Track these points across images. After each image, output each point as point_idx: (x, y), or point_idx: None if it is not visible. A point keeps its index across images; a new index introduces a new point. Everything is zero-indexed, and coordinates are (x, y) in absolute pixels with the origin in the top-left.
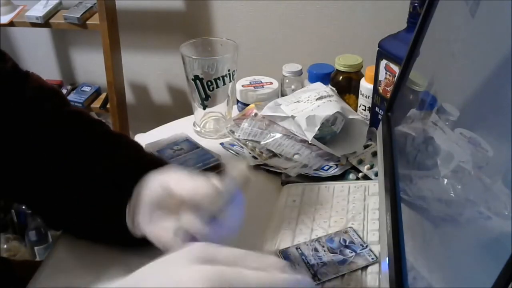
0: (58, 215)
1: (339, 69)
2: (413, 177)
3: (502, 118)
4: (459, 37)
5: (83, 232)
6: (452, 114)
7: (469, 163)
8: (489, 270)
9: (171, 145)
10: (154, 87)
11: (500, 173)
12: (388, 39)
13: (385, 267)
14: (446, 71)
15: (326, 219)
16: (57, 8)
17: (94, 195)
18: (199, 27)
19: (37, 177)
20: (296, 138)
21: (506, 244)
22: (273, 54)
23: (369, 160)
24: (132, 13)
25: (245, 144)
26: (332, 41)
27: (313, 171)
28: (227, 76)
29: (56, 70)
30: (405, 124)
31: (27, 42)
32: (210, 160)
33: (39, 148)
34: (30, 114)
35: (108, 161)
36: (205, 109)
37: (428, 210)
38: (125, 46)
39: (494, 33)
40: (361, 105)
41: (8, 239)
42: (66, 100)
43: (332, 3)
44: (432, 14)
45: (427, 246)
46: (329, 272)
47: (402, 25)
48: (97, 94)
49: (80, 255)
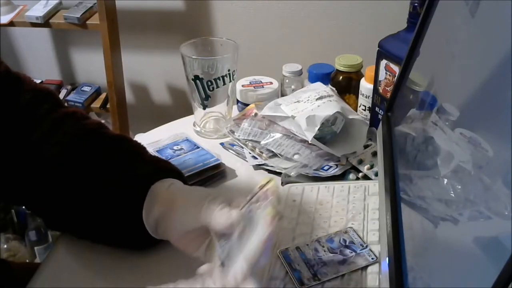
0: (60, 217)
1: (339, 69)
2: (413, 177)
3: (502, 118)
4: (459, 37)
5: (87, 233)
6: (452, 114)
7: (469, 163)
8: (489, 270)
9: (171, 145)
10: (154, 87)
11: (500, 173)
12: (388, 39)
13: (385, 267)
14: (446, 71)
15: (326, 219)
16: (57, 8)
17: (98, 196)
18: (199, 27)
19: (37, 179)
20: (296, 138)
21: (506, 244)
22: (273, 54)
23: (369, 160)
24: (132, 13)
25: (245, 144)
26: (332, 41)
27: (313, 171)
28: (227, 76)
29: (56, 70)
30: (405, 124)
31: (27, 42)
32: (210, 160)
33: (39, 151)
34: (28, 117)
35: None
36: (205, 109)
37: (428, 210)
38: (125, 46)
39: (494, 33)
40: (361, 105)
41: (8, 239)
42: (61, 101)
43: (332, 3)
44: (432, 14)
45: (427, 246)
46: (329, 272)
47: (402, 25)
48: (97, 94)
49: (80, 255)
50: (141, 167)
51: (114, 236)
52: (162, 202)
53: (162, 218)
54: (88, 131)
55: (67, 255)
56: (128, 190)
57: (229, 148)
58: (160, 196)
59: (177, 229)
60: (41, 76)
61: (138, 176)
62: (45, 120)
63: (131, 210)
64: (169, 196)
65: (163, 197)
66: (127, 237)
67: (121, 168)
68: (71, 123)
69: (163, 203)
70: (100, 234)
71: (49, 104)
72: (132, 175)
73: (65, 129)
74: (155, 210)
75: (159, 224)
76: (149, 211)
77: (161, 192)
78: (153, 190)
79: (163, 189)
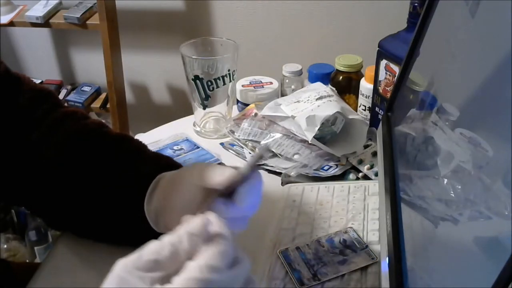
0: (61, 216)
1: (339, 69)
2: (413, 177)
3: (502, 118)
4: (459, 37)
5: (88, 232)
6: (452, 114)
7: (469, 163)
8: (489, 270)
9: (171, 145)
10: (154, 87)
11: (500, 173)
12: (388, 39)
13: (385, 267)
14: (446, 71)
15: (326, 219)
16: (57, 8)
17: (100, 195)
18: (199, 27)
19: (38, 179)
20: (296, 138)
21: (506, 244)
22: (273, 54)
23: (369, 160)
24: (132, 13)
25: (245, 144)
26: (332, 41)
27: (313, 171)
28: (227, 76)
29: (56, 70)
30: (405, 124)
31: (27, 42)
32: (210, 160)
33: (39, 151)
34: (27, 117)
35: (111, 161)
36: (205, 109)
37: (428, 210)
38: (125, 46)
39: (494, 33)
40: (361, 105)
41: (8, 239)
42: (60, 101)
43: (332, 3)
44: (432, 14)
45: (427, 246)
46: (329, 272)
47: (402, 25)
48: (97, 94)
49: (80, 255)
50: (143, 165)
51: (116, 234)
52: (161, 189)
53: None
54: (88, 131)
55: (67, 255)
56: (130, 188)
57: (229, 148)
58: (160, 186)
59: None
60: (41, 76)
61: (140, 174)
62: (44, 120)
63: (133, 208)
64: (167, 183)
65: (162, 186)
66: (129, 235)
67: (123, 166)
68: (71, 123)
69: (162, 189)
70: (101, 233)
71: (49, 104)
72: (134, 173)
73: (65, 129)
74: (155, 198)
75: (160, 214)
76: (149, 202)
77: (161, 182)
78: (154, 184)
79: (163, 180)
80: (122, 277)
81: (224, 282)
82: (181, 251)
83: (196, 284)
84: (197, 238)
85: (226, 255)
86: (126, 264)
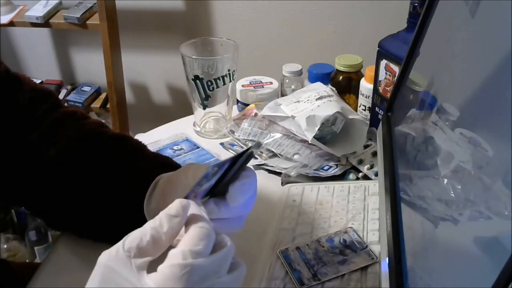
0: (61, 216)
1: (339, 69)
2: (413, 177)
3: (502, 118)
4: (459, 37)
5: (88, 232)
6: (452, 114)
7: (469, 163)
8: (489, 270)
9: (171, 145)
10: (154, 87)
11: (500, 173)
12: (388, 39)
13: (385, 267)
14: (446, 71)
15: (326, 219)
16: (57, 8)
17: (100, 195)
18: (199, 27)
19: (38, 179)
20: (296, 138)
21: (506, 244)
22: (273, 54)
23: (369, 160)
24: (132, 13)
25: (245, 144)
26: (332, 41)
27: (313, 171)
28: (227, 76)
29: (56, 70)
30: (405, 124)
31: (27, 42)
32: (210, 160)
33: (38, 151)
34: (27, 117)
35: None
36: (205, 109)
37: (428, 210)
38: (125, 46)
39: (494, 33)
40: (361, 105)
41: (8, 239)
42: (60, 101)
43: (332, 3)
44: (432, 14)
45: (427, 246)
46: (329, 272)
47: (402, 25)
48: (97, 94)
49: (80, 255)
50: (143, 165)
51: (116, 234)
52: (160, 189)
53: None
54: (88, 131)
55: (67, 255)
56: (130, 188)
57: (229, 148)
58: (159, 187)
59: None
60: (41, 76)
61: (140, 174)
62: (44, 120)
63: (133, 208)
64: (164, 184)
65: (161, 187)
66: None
67: (122, 166)
68: (71, 123)
69: (161, 190)
70: (101, 233)
71: (49, 104)
72: (134, 173)
73: (65, 129)
74: (154, 198)
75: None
76: (149, 203)
77: (160, 183)
78: (154, 185)
79: (161, 180)
80: (107, 265)
81: (209, 266)
82: (162, 234)
83: (181, 270)
84: (177, 219)
85: (208, 239)
86: (110, 253)
